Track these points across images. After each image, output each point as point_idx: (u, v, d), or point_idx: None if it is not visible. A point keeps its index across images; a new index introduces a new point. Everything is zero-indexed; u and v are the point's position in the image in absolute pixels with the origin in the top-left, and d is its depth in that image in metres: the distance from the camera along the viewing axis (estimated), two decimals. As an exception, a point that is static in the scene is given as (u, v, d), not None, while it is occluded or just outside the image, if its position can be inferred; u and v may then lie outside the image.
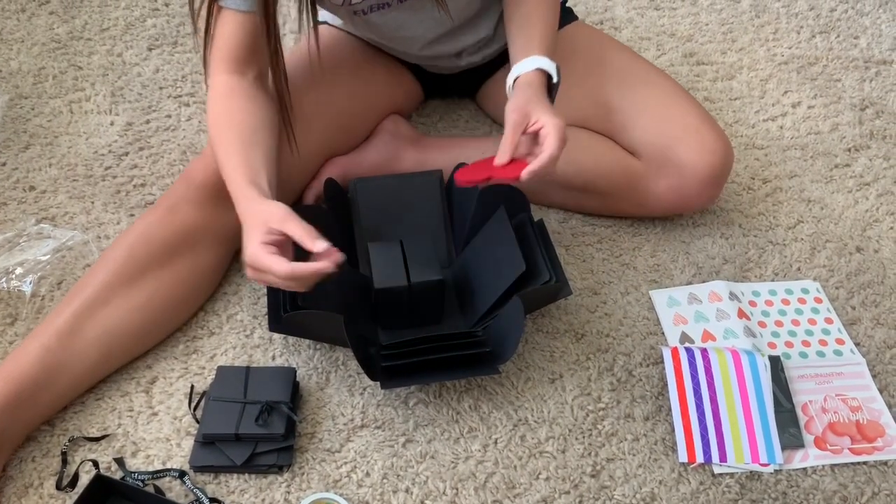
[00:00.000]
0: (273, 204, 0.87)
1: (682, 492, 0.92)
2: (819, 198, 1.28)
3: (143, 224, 0.99)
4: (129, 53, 1.46)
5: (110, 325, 0.94)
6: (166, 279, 0.98)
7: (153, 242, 0.97)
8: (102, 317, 0.94)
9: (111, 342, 0.95)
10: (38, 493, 0.88)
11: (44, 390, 0.90)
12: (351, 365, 1.01)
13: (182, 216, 0.99)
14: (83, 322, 0.93)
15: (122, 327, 0.95)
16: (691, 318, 1.09)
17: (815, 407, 0.99)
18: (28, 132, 1.30)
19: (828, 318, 1.10)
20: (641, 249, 1.18)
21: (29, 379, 0.89)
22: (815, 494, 0.92)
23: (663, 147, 1.09)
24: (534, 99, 0.94)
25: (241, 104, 0.97)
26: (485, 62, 1.24)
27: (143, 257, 0.97)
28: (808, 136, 1.39)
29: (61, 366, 0.91)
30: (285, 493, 0.89)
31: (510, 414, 0.98)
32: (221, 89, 0.98)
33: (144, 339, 0.99)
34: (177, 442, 0.93)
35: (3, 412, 0.86)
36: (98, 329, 0.93)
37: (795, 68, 1.53)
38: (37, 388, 0.89)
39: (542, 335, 1.06)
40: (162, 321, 1.00)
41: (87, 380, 0.95)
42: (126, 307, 0.95)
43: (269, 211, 0.86)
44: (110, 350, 0.95)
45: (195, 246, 1.00)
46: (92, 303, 0.94)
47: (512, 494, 0.91)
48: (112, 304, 0.94)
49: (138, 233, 0.98)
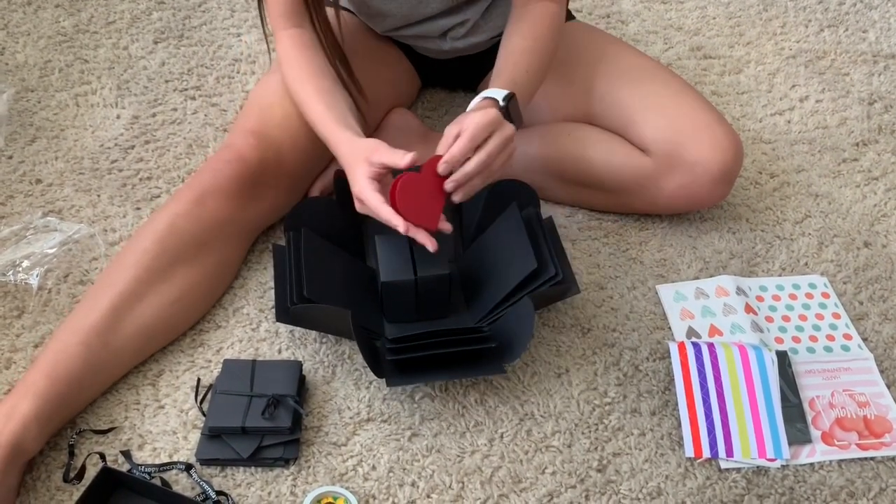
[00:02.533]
0: (366, 140, 0.94)
1: (689, 487, 0.92)
2: (827, 192, 1.27)
3: (170, 215, 0.99)
4: (135, 47, 1.46)
5: (145, 321, 0.95)
6: (196, 273, 0.99)
7: (184, 236, 0.98)
8: (139, 313, 0.95)
9: (146, 338, 0.96)
10: (45, 485, 0.88)
11: (86, 388, 0.92)
12: (357, 359, 1.01)
13: (210, 209, 1.00)
14: (121, 319, 0.93)
15: (157, 323, 0.96)
16: (698, 312, 1.08)
17: (823, 402, 0.99)
18: (34, 125, 1.30)
19: (835, 314, 1.10)
20: (648, 244, 1.18)
21: (74, 378, 0.89)
22: (821, 490, 0.92)
23: (675, 144, 1.08)
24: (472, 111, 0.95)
25: (314, 55, 1.03)
26: (477, 52, 1.23)
27: (173, 251, 0.97)
28: (815, 130, 1.38)
29: (102, 363, 0.92)
30: (291, 487, 0.89)
31: (516, 408, 0.98)
32: (291, 42, 1.03)
33: (173, 332, 1.00)
34: (183, 435, 0.93)
35: (52, 411, 0.87)
36: (135, 325, 0.94)
37: (803, 62, 1.52)
38: (80, 387, 0.90)
39: (548, 329, 1.06)
40: (191, 314, 1.01)
41: (120, 375, 0.96)
42: (159, 302, 0.96)
43: (364, 146, 0.92)
44: (145, 345, 0.97)
45: (222, 239, 1.02)
46: (127, 298, 0.94)
47: (518, 489, 0.91)
48: (146, 299, 0.95)
49: (167, 224, 0.98)
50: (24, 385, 0.87)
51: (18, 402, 0.85)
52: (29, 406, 0.85)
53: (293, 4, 1.02)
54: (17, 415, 0.84)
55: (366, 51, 1.20)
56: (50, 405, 0.87)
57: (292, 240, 1.03)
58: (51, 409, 0.87)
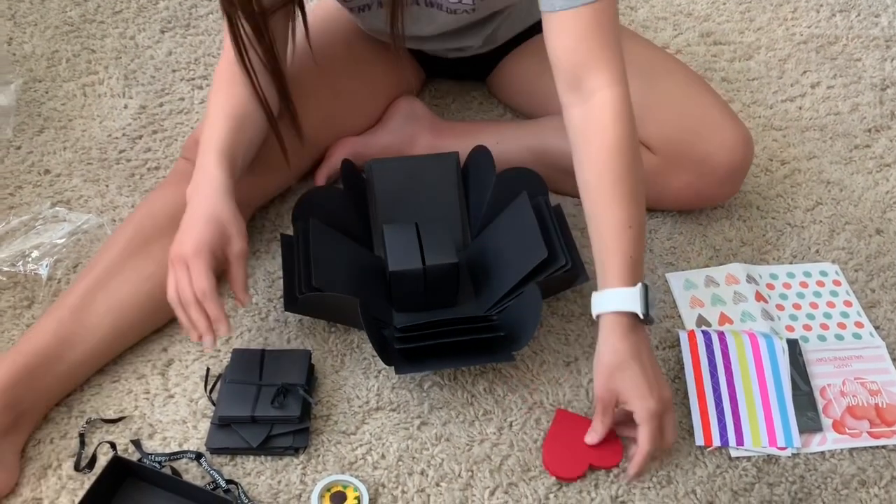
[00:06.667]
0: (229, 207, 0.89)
1: (699, 475, 0.91)
2: (838, 179, 1.26)
3: (149, 199, 1.02)
4: (142, 36, 1.45)
5: (121, 295, 0.95)
6: None
7: (157, 215, 0.99)
8: (113, 288, 0.95)
9: (123, 313, 0.95)
10: (56, 474, 0.88)
11: (58, 361, 0.91)
12: (366, 348, 1.01)
13: (185, 188, 0.98)
14: (94, 294, 0.94)
15: (133, 298, 0.96)
16: (708, 301, 1.08)
17: (834, 390, 0.98)
18: (42, 116, 1.30)
19: (847, 301, 1.09)
20: (657, 232, 1.17)
21: (42, 350, 0.90)
22: (832, 478, 0.91)
23: (681, 142, 1.06)
24: (619, 372, 0.85)
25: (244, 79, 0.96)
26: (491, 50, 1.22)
27: (149, 230, 0.98)
28: (827, 116, 1.37)
29: (74, 336, 0.92)
30: (301, 475, 0.89)
31: (525, 397, 0.97)
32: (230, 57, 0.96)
33: (156, 310, 0.98)
34: (193, 424, 0.93)
35: (19, 382, 0.87)
36: (109, 300, 0.94)
37: (815, 48, 1.50)
38: (50, 359, 0.90)
39: (556, 318, 1.06)
40: None
41: (102, 353, 0.95)
42: (135, 278, 0.96)
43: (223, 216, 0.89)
44: (122, 321, 0.96)
45: None
46: (102, 276, 0.95)
47: (527, 477, 0.90)
48: (122, 275, 0.95)
49: (143, 210, 1.01)
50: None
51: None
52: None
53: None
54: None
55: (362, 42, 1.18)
56: (12, 376, 0.87)
57: (300, 229, 1.03)
58: (13, 380, 0.87)
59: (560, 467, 0.90)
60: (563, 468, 0.89)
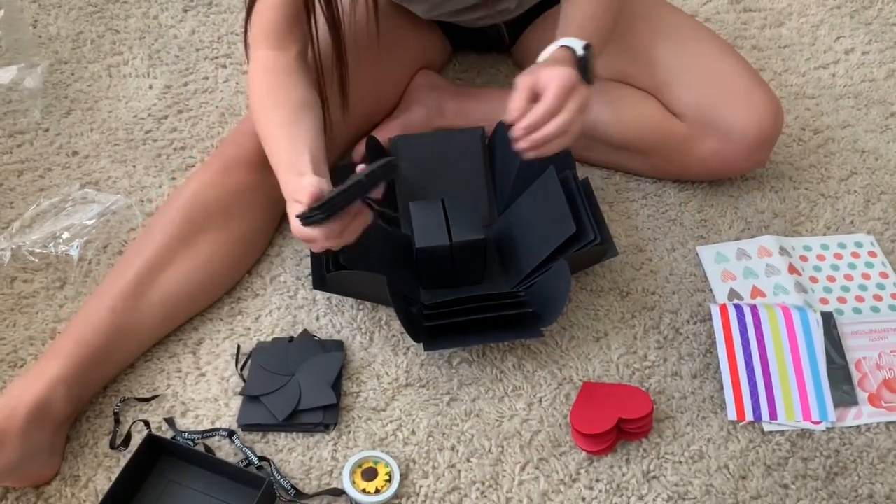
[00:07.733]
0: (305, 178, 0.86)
1: (732, 450, 0.90)
2: (874, 148, 1.23)
3: (196, 185, 1.00)
4: (165, 16, 1.45)
5: (172, 286, 0.96)
6: (223, 239, 0.99)
7: (208, 204, 0.99)
8: (164, 279, 0.95)
9: (174, 303, 0.97)
10: (93, 451, 0.90)
11: (116, 351, 0.93)
12: (394, 325, 1.01)
13: (236, 177, 1.00)
14: (147, 284, 0.94)
15: (183, 288, 0.97)
16: (740, 274, 1.06)
17: (870, 363, 0.97)
18: (69, 97, 1.30)
19: (883, 273, 1.07)
20: (688, 205, 1.15)
21: (101, 341, 0.91)
22: (868, 452, 0.90)
23: (709, 107, 1.05)
24: (547, 64, 0.88)
25: (282, 80, 0.95)
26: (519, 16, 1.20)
27: (199, 218, 0.98)
28: (861, 83, 1.33)
29: (129, 327, 0.93)
30: (332, 451, 0.90)
31: (554, 373, 0.97)
32: (262, 66, 0.96)
33: (203, 299, 1.01)
34: (224, 402, 0.94)
35: (80, 373, 0.89)
36: (161, 291, 0.95)
37: (849, 12, 1.46)
38: (110, 349, 0.92)
39: (586, 293, 1.05)
40: (219, 281, 1.02)
41: (150, 341, 0.97)
42: (186, 269, 0.97)
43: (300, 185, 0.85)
44: (173, 311, 0.97)
45: (249, 206, 1.01)
46: (154, 265, 0.95)
47: (558, 453, 0.90)
48: (173, 266, 0.96)
49: (193, 193, 0.99)
50: (54, 349, 0.89)
51: (47, 365, 0.87)
52: (56, 368, 0.87)
53: (280, 23, 0.96)
54: (44, 376, 0.86)
55: (391, 16, 1.17)
56: (77, 367, 0.88)
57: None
58: (78, 371, 0.88)
59: (588, 425, 0.89)
60: (591, 425, 0.89)
